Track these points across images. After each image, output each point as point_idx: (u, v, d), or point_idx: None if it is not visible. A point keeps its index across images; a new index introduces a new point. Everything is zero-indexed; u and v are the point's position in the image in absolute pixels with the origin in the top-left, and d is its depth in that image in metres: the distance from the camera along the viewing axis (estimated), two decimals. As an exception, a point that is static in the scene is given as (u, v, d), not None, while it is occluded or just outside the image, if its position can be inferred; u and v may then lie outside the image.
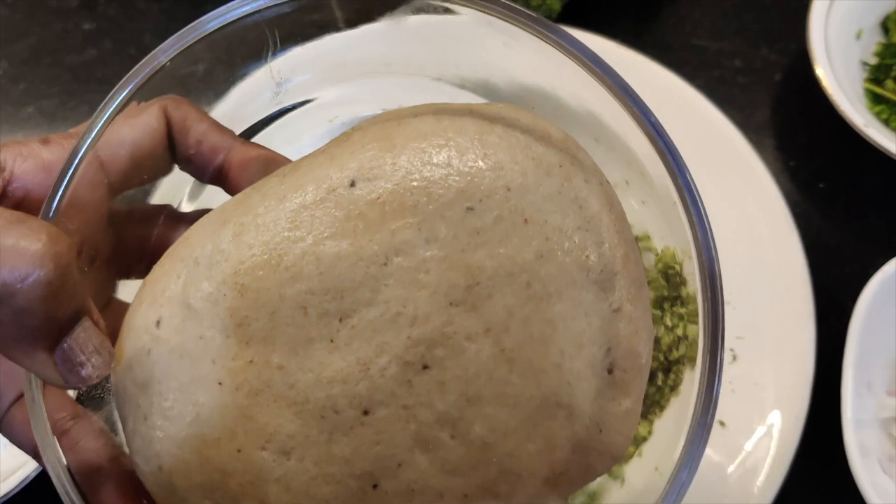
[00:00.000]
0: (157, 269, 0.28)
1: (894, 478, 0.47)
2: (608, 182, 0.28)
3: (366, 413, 0.25)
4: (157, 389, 0.26)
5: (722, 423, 0.48)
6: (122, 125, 0.28)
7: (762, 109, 0.60)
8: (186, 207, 0.35)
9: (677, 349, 0.42)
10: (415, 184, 0.25)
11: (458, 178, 0.26)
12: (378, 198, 0.25)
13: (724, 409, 0.48)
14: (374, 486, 0.25)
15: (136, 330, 0.27)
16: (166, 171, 0.31)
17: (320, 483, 0.25)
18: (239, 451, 0.25)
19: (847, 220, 0.56)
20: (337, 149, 0.27)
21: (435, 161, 0.26)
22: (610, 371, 0.26)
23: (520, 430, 0.25)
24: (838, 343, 0.48)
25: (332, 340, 0.25)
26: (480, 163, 0.26)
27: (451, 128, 0.27)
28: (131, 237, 0.32)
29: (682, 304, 0.40)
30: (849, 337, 0.48)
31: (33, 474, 0.48)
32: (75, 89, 0.63)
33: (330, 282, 0.25)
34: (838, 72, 0.54)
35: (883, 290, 0.49)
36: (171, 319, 0.26)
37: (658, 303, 0.42)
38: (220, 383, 0.25)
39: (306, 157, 0.28)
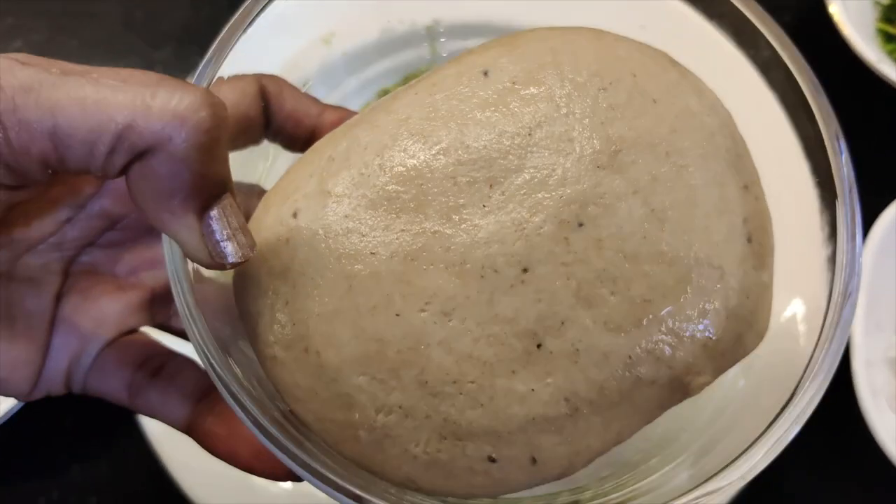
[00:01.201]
0: (283, 181, 0.28)
1: (903, 417, 0.46)
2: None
3: (525, 271, 0.25)
4: (300, 272, 0.26)
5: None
6: (222, 86, 0.29)
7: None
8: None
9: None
10: (549, 69, 0.26)
11: (588, 63, 0.27)
12: (513, 81, 0.26)
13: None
14: (539, 346, 0.25)
15: (268, 225, 0.27)
16: (257, 140, 0.31)
17: (483, 345, 0.25)
18: (398, 315, 0.25)
19: (858, 159, 0.55)
20: (456, 64, 0.28)
21: (561, 54, 0.27)
22: (749, 240, 0.27)
23: (677, 289, 0.25)
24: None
25: (484, 205, 0.25)
26: (604, 55, 0.27)
27: (568, 32, 0.28)
28: None
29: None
30: (858, 275, 0.46)
31: (7, 416, 0.46)
32: (65, 23, 0.60)
33: (477, 154, 0.25)
34: (851, 11, 0.53)
35: (892, 228, 0.48)
36: (309, 209, 0.26)
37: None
38: (372, 253, 0.25)
39: (427, 74, 0.29)
